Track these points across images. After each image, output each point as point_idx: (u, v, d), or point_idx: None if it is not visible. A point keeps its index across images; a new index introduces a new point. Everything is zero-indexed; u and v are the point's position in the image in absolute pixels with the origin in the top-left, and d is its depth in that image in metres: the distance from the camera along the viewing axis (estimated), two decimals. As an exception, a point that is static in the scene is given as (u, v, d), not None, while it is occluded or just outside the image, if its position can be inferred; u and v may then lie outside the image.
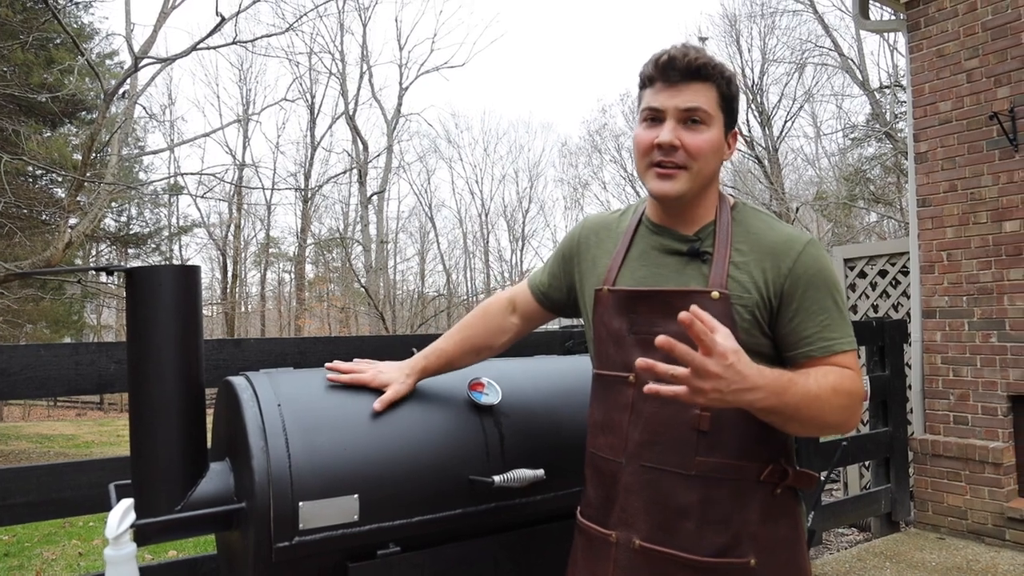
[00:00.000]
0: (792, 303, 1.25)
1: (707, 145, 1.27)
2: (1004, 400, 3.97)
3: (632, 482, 1.29)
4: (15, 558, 5.19)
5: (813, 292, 1.25)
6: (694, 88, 1.26)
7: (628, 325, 1.33)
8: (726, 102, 1.29)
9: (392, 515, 1.37)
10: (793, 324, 1.26)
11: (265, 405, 1.36)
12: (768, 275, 1.25)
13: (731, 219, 1.32)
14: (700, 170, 1.28)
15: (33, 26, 10.41)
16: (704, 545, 1.23)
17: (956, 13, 4.19)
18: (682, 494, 1.25)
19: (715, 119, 1.28)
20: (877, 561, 3.70)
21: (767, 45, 21.32)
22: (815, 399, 1.15)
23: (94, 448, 11.95)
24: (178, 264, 1.37)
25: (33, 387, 1.89)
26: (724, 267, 1.26)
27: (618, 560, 1.30)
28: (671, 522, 1.25)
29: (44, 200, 12.99)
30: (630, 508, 1.29)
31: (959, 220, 4.17)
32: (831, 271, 1.28)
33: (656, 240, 1.36)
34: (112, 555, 1.25)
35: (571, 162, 38.76)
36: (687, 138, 1.26)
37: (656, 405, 1.27)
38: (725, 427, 1.24)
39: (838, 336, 1.25)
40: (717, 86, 1.28)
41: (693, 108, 1.26)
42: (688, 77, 1.26)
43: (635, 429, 1.30)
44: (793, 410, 1.13)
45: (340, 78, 23.69)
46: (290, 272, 29.11)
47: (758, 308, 1.25)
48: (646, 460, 1.28)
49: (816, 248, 1.28)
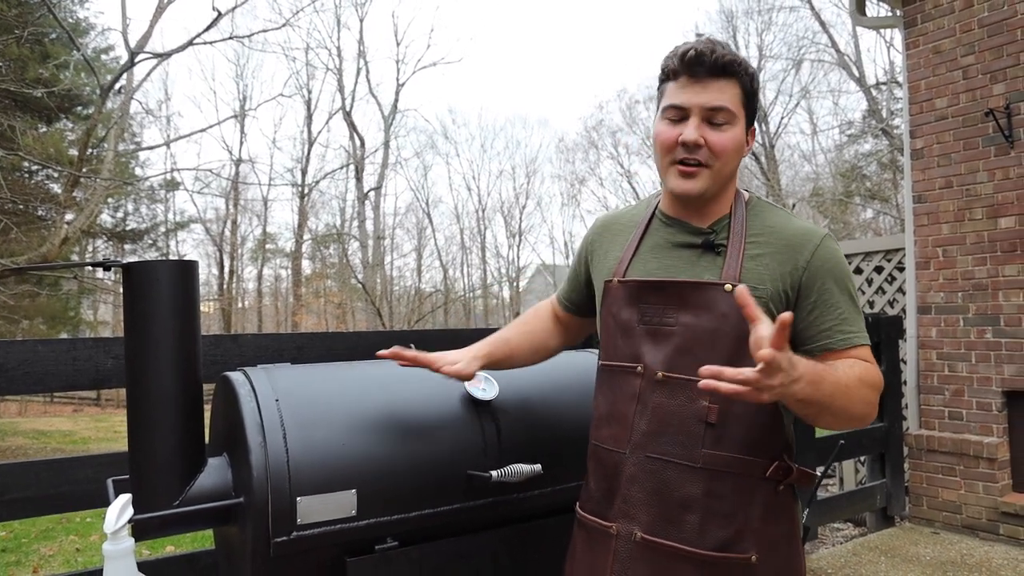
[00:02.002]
0: (811, 296, 1.26)
1: (731, 144, 1.27)
2: (998, 396, 3.98)
3: (636, 473, 1.29)
4: (12, 554, 5.19)
5: (831, 285, 1.26)
6: (720, 85, 1.25)
7: (638, 316, 1.33)
8: (749, 99, 1.29)
9: (390, 510, 1.38)
10: (812, 317, 1.26)
11: (263, 400, 1.36)
12: (785, 268, 1.26)
13: (746, 213, 1.32)
14: (721, 168, 1.28)
15: (28, 21, 10.36)
16: (707, 539, 1.23)
17: (952, 10, 4.19)
18: (687, 486, 1.24)
19: (738, 117, 1.27)
20: (872, 556, 3.71)
21: (764, 41, 21.35)
22: (846, 389, 1.16)
23: (91, 444, 11.93)
24: (176, 259, 1.37)
25: (30, 383, 1.89)
26: (739, 260, 1.26)
27: (618, 552, 1.28)
28: (674, 514, 1.25)
29: (40, 196, 12.94)
30: (632, 499, 1.29)
31: (955, 216, 4.18)
32: (846, 266, 1.29)
33: (670, 233, 1.36)
34: (110, 550, 1.26)
35: (568, 158, 38.79)
36: (711, 136, 1.25)
37: (663, 396, 1.27)
38: (732, 420, 1.24)
39: (856, 329, 1.26)
40: (742, 83, 1.27)
41: (719, 107, 1.25)
42: (715, 73, 1.25)
43: (641, 419, 1.29)
44: (828, 399, 1.13)
45: (337, 74, 23.67)
46: (287, 268, 29.08)
47: (773, 301, 1.24)
48: (651, 451, 1.27)
49: (832, 242, 1.29)
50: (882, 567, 3.56)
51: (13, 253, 10.81)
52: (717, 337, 1.24)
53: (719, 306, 1.24)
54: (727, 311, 1.23)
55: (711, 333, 1.24)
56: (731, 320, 1.22)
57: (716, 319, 1.24)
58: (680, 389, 1.26)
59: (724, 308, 1.23)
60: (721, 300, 1.24)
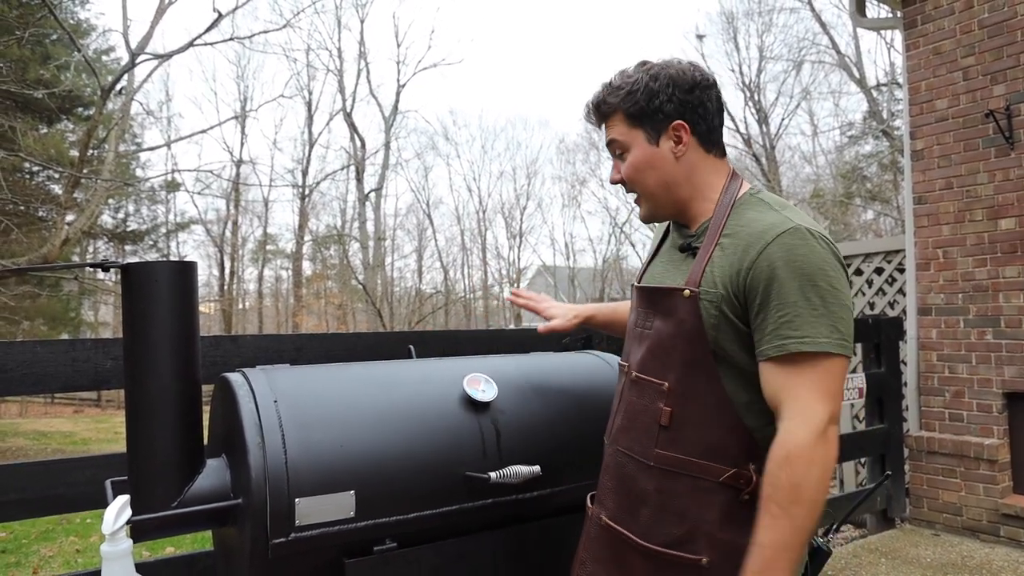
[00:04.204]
0: (756, 298, 1.16)
1: (632, 169, 1.33)
2: (999, 397, 3.98)
3: (609, 463, 1.39)
4: (12, 555, 5.19)
5: (777, 285, 1.13)
6: (609, 125, 1.35)
7: (635, 319, 1.41)
8: (636, 117, 1.31)
9: (389, 511, 1.37)
10: (757, 321, 1.17)
11: (261, 401, 1.36)
12: (735, 268, 1.19)
13: (728, 212, 1.28)
14: (645, 188, 1.34)
15: (29, 22, 10.36)
16: (657, 533, 1.25)
17: (953, 11, 4.19)
18: (642, 481, 1.29)
19: (633, 139, 1.32)
20: (873, 557, 3.71)
21: (764, 42, 21.34)
22: (792, 532, 1.09)
23: (92, 445, 11.93)
24: (174, 260, 1.37)
25: (29, 384, 1.89)
26: (703, 263, 1.25)
27: (590, 532, 1.40)
28: (632, 506, 1.30)
29: (41, 196, 12.95)
30: (604, 487, 1.39)
31: (955, 217, 4.18)
32: (808, 261, 1.13)
33: (674, 238, 1.41)
34: (108, 551, 1.26)
35: (568, 159, 38.81)
36: (624, 169, 1.35)
37: (634, 395, 1.34)
38: (686, 424, 1.24)
39: (802, 335, 1.11)
40: (623, 111, 1.32)
41: (610, 143, 1.36)
42: (600, 119, 1.37)
43: (618, 415, 1.39)
44: (799, 547, 1.10)
45: (338, 75, 23.69)
46: (287, 269, 29.09)
47: (726, 303, 1.19)
48: (620, 445, 1.36)
49: (795, 236, 1.15)
50: (882, 569, 3.55)
51: (14, 254, 10.82)
52: (675, 341, 1.25)
53: (679, 311, 1.25)
54: (684, 316, 1.24)
55: (672, 337, 1.26)
56: (686, 325, 1.23)
57: (676, 324, 1.26)
58: (646, 389, 1.31)
59: (682, 313, 1.24)
60: (680, 305, 1.25)
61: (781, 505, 1.09)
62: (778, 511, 1.09)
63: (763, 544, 1.10)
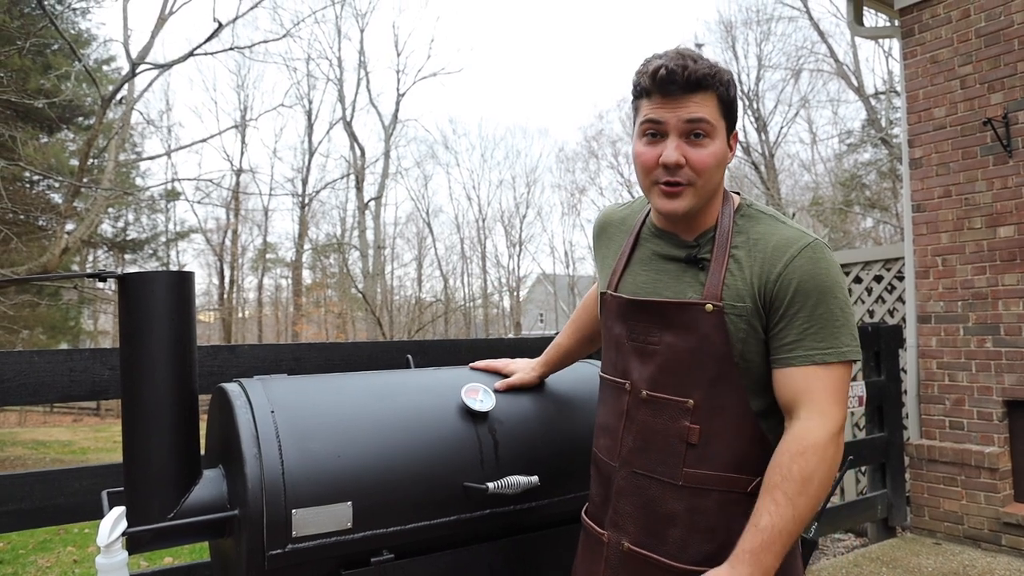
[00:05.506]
0: (780, 309, 1.20)
1: (713, 160, 1.22)
2: (999, 405, 3.97)
3: (624, 487, 1.32)
4: (9, 565, 5.16)
5: (801, 297, 1.19)
6: (696, 100, 1.20)
7: (627, 332, 1.34)
8: (727, 107, 1.24)
9: (386, 522, 1.37)
10: (777, 329, 1.21)
11: (258, 412, 1.35)
12: (762, 281, 1.21)
13: (732, 223, 1.27)
14: (705, 185, 1.23)
15: (30, 31, 10.41)
16: (690, 553, 1.23)
17: (950, 20, 4.21)
18: (670, 502, 1.25)
19: (718, 129, 1.22)
20: (874, 567, 3.69)
21: (763, 51, 21.47)
22: (791, 520, 1.12)
23: (90, 454, 11.90)
24: (171, 270, 1.37)
25: (26, 394, 1.88)
26: (720, 276, 1.23)
27: (609, 560, 1.33)
28: (659, 528, 1.26)
29: (41, 206, 12.97)
30: (621, 511, 1.32)
31: (954, 225, 4.18)
32: (832, 275, 1.20)
33: (658, 245, 1.35)
34: (103, 563, 1.25)
35: (568, 167, 38.94)
36: (692, 154, 1.21)
37: (648, 414, 1.28)
38: (714, 441, 1.23)
39: (825, 347, 1.17)
40: (718, 94, 1.22)
41: (696, 120, 1.20)
42: (689, 89, 1.19)
43: (628, 435, 1.31)
44: (789, 538, 1.13)
45: (337, 84, 23.77)
46: (287, 278, 29.09)
47: (753, 317, 1.21)
48: (637, 467, 1.29)
49: (815, 251, 1.21)
50: (884, 578, 3.53)
51: (13, 263, 10.82)
52: (699, 357, 1.23)
53: (701, 326, 1.23)
54: (708, 331, 1.22)
55: (692, 353, 1.24)
56: (713, 340, 1.21)
57: (698, 339, 1.23)
58: (663, 408, 1.26)
59: (706, 328, 1.22)
60: (703, 320, 1.22)
61: (788, 495, 1.13)
62: (783, 499, 1.13)
63: (763, 527, 1.12)
